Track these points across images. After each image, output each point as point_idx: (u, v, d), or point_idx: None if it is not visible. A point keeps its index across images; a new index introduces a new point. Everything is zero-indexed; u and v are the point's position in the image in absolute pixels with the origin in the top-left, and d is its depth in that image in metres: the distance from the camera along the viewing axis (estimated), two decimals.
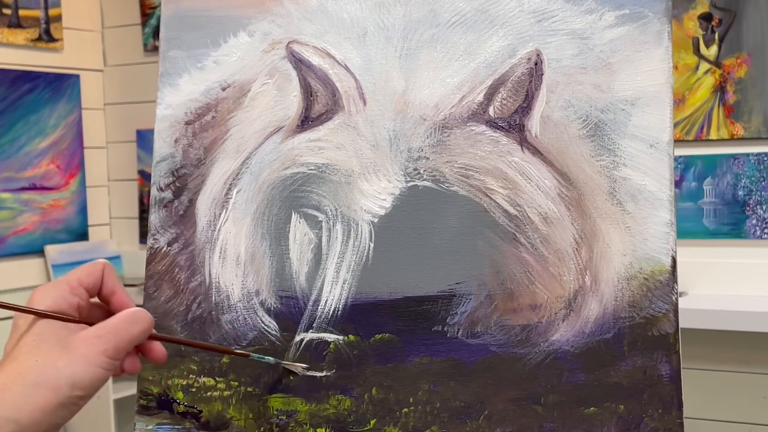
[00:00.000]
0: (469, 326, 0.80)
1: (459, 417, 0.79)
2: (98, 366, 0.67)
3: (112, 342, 0.68)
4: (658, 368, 0.75)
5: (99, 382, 0.67)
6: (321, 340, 0.83)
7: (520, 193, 0.80)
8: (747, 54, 2.66)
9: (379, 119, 0.85)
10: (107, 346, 0.68)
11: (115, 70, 3.72)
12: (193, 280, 0.88)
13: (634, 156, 0.79)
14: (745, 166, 2.66)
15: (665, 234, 0.77)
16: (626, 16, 0.81)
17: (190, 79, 0.92)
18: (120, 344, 0.69)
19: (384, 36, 0.86)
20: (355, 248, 0.83)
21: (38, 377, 0.65)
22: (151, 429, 0.87)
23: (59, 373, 0.65)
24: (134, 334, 0.70)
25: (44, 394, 0.65)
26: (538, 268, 0.79)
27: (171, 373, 0.87)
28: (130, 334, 0.70)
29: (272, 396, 0.84)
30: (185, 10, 0.94)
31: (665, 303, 0.76)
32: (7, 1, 3.35)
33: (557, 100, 0.81)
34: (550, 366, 0.78)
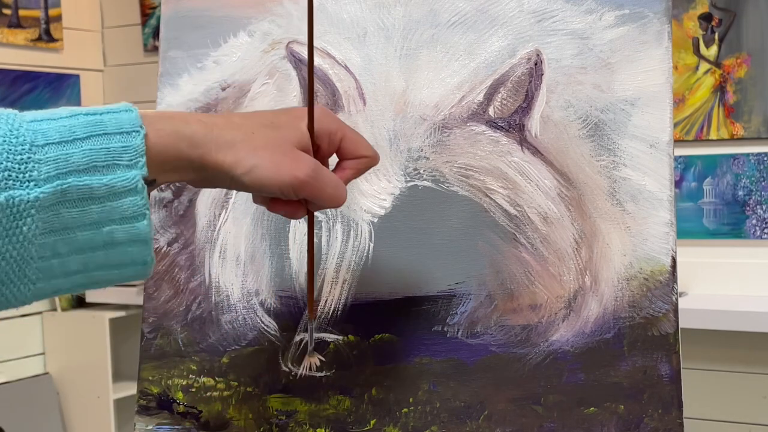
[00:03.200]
0: (469, 326, 0.80)
1: (459, 417, 0.79)
2: (281, 183, 0.66)
3: (311, 186, 0.67)
4: (658, 368, 0.75)
5: (272, 188, 0.66)
6: (321, 340, 0.83)
7: (520, 193, 0.80)
8: (747, 54, 2.66)
9: (379, 119, 0.85)
10: (307, 176, 0.66)
11: (115, 70, 3.72)
12: (193, 280, 0.88)
13: (634, 156, 0.79)
14: (745, 166, 2.66)
15: (665, 234, 0.77)
16: (626, 16, 0.81)
17: (190, 79, 0.92)
18: (311, 193, 0.67)
19: (384, 36, 0.86)
20: (355, 248, 0.83)
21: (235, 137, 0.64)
22: (151, 429, 0.87)
23: (247, 160, 0.64)
24: (323, 198, 0.69)
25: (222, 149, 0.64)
26: (538, 268, 0.79)
27: (171, 373, 0.87)
28: (323, 192, 0.68)
29: (272, 396, 0.84)
30: (185, 10, 0.94)
31: (665, 303, 0.76)
32: (7, 1, 3.35)
33: (557, 100, 0.81)
34: (550, 366, 0.78)
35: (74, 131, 0.58)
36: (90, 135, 0.59)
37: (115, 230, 0.60)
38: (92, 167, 0.58)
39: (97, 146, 0.59)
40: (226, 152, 0.64)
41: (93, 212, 0.59)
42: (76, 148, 0.58)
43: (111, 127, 0.60)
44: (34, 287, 0.58)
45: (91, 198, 0.58)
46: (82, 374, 3.33)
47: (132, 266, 0.62)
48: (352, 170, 0.72)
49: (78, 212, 0.58)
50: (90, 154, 0.58)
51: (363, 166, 0.72)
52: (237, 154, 0.64)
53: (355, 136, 0.71)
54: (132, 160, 0.59)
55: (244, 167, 0.64)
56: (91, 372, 3.28)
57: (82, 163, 0.58)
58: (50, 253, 0.58)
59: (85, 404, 3.34)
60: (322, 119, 0.69)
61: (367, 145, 0.72)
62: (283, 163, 0.65)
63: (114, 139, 0.59)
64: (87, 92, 3.65)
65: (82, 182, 0.58)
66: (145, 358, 0.88)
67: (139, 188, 0.60)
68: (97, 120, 0.60)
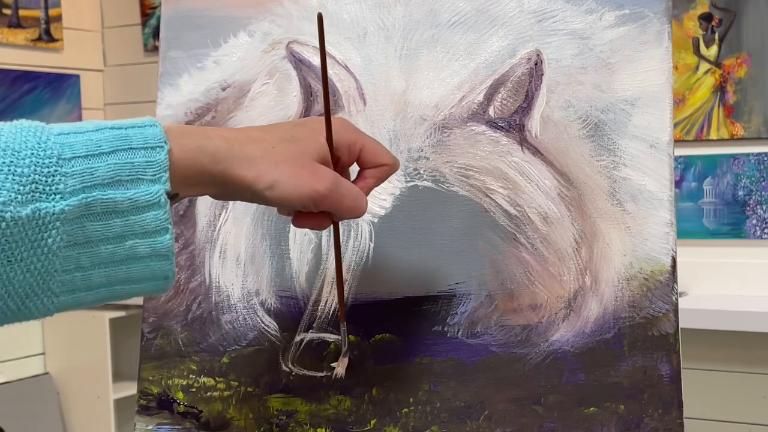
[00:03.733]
0: (469, 326, 0.80)
1: (459, 417, 0.79)
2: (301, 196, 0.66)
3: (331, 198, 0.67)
4: (658, 368, 0.75)
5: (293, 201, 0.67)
6: (321, 340, 0.83)
7: (520, 193, 0.80)
8: (747, 54, 2.66)
9: (379, 119, 0.85)
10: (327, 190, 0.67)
11: (115, 70, 3.72)
12: (193, 280, 0.88)
13: (634, 156, 0.79)
14: (745, 166, 2.66)
15: (665, 234, 0.77)
16: (626, 16, 0.81)
17: (190, 79, 0.92)
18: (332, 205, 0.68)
19: (384, 36, 0.86)
20: (355, 248, 0.83)
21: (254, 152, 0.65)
22: (151, 429, 0.87)
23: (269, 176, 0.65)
24: (342, 210, 0.69)
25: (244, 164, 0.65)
26: (538, 268, 0.79)
27: (171, 373, 0.87)
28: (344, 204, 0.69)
29: (272, 396, 0.84)
30: (185, 10, 0.94)
31: (665, 303, 0.76)
32: (7, 1, 3.35)
33: (557, 100, 0.81)
34: (550, 366, 0.78)
35: (100, 145, 0.59)
36: (115, 149, 0.59)
37: (138, 244, 0.60)
38: (117, 181, 0.59)
39: (122, 160, 0.59)
40: (247, 168, 0.65)
41: (116, 226, 0.59)
42: (102, 162, 0.59)
43: (136, 142, 0.60)
44: (57, 300, 0.58)
45: (114, 212, 0.59)
46: (82, 374, 3.33)
47: (153, 281, 0.63)
48: (373, 179, 0.73)
49: (101, 225, 0.59)
50: (115, 168, 0.59)
51: (384, 174, 0.73)
52: (258, 170, 0.65)
53: (375, 145, 0.72)
54: (156, 175, 0.60)
55: (265, 182, 0.65)
56: (91, 372, 3.28)
57: (107, 177, 0.58)
58: (74, 266, 0.58)
59: (85, 404, 3.34)
60: (341, 131, 0.70)
61: (386, 152, 0.73)
62: (303, 177, 0.66)
63: (139, 153, 0.60)
64: (87, 92, 3.65)
65: (106, 196, 0.58)
66: (145, 358, 0.88)
67: (162, 203, 0.60)
68: (122, 134, 0.60)
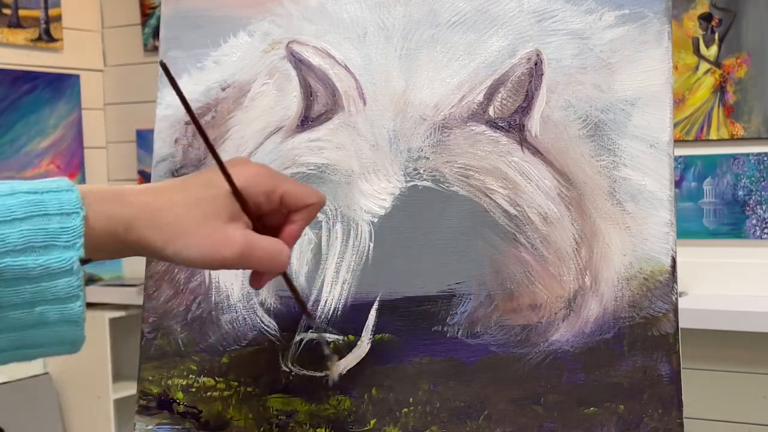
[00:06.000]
0: (469, 326, 0.80)
1: (459, 417, 0.79)
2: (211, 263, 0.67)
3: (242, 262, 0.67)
4: (658, 368, 0.75)
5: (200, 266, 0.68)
6: (321, 340, 0.83)
7: (520, 193, 0.80)
8: (747, 54, 2.66)
9: (379, 119, 0.85)
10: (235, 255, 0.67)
11: (115, 70, 3.72)
12: (192, 280, 0.88)
13: (634, 156, 0.79)
14: (745, 166, 2.66)
15: (665, 234, 0.77)
16: (626, 16, 0.81)
17: (190, 79, 0.92)
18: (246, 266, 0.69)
19: (384, 36, 0.86)
20: (355, 248, 0.83)
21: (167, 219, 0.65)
22: (151, 429, 0.87)
23: (175, 243, 0.65)
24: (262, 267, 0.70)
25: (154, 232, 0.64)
26: (537, 268, 0.79)
27: (171, 373, 0.87)
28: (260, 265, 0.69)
29: (272, 396, 0.84)
30: (185, 10, 0.94)
31: (665, 303, 0.76)
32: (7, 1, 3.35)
33: (557, 100, 0.81)
34: (550, 366, 0.78)
35: (13, 210, 0.58)
36: (29, 215, 0.58)
37: (48, 310, 0.59)
38: (29, 248, 0.58)
39: (35, 227, 0.58)
40: (158, 235, 0.64)
41: (26, 292, 0.58)
42: (14, 228, 0.58)
43: (51, 208, 0.59)
44: None
45: (25, 278, 0.58)
46: (82, 374, 3.32)
47: (61, 345, 0.62)
48: (301, 221, 0.72)
49: (11, 291, 0.58)
50: (28, 234, 0.58)
51: (311, 214, 0.73)
52: (165, 237, 0.64)
53: (296, 187, 0.71)
54: (70, 242, 0.59)
55: (172, 249, 0.65)
56: (91, 372, 3.28)
57: (20, 243, 0.58)
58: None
59: (85, 404, 3.34)
60: (256, 180, 0.69)
61: (309, 192, 0.72)
62: (208, 245, 0.66)
63: (53, 219, 0.59)
64: (87, 92, 3.65)
65: (17, 262, 0.57)
66: (145, 358, 0.88)
67: (74, 269, 0.59)
68: (37, 200, 0.59)
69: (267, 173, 0.70)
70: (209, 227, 0.66)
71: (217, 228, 0.66)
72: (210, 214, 0.66)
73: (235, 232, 0.67)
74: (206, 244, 0.66)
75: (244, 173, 0.68)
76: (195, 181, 0.68)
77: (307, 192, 0.72)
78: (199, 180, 0.68)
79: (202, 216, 0.66)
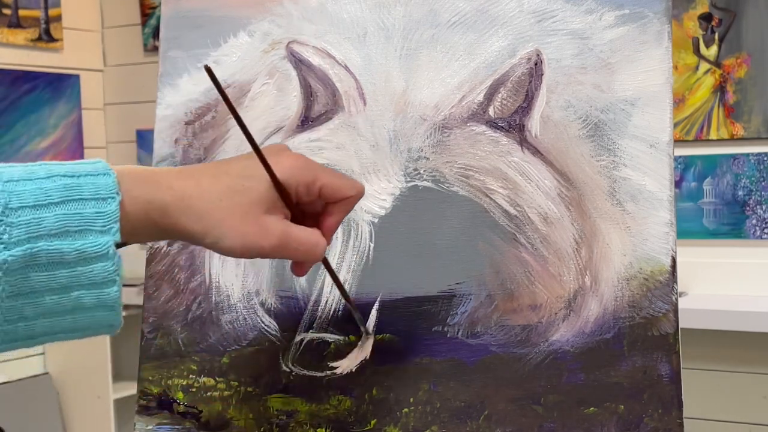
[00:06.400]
0: (469, 326, 0.80)
1: (459, 417, 0.79)
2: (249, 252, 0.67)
3: (280, 252, 0.68)
4: (658, 368, 0.75)
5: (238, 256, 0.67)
6: (321, 340, 0.83)
7: (520, 194, 0.80)
8: (747, 54, 2.66)
9: (379, 119, 0.85)
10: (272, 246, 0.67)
11: (115, 70, 3.72)
12: (193, 280, 0.88)
13: (634, 156, 0.79)
14: (745, 166, 2.66)
15: (665, 234, 0.77)
16: (626, 16, 0.81)
17: (190, 79, 0.92)
18: (283, 256, 0.69)
19: (384, 36, 0.86)
20: (355, 248, 0.83)
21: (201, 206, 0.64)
22: (151, 429, 0.87)
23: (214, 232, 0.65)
24: (299, 258, 0.70)
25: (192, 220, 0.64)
26: (538, 268, 0.79)
27: (171, 373, 0.87)
28: (296, 255, 0.69)
29: (272, 396, 0.84)
30: (185, 10, 0.94)
31: (665, 303, 0.76)
32: (7, 1, 3.35)
33: (557, 100, 0.81)
34: (550, 366, 0.78)
35: (49, 195, 0.58)
36: (65, 199, 0.58)
37: (84, 295, 0.59)
38: (64, 232, 0.58)
39: (71, 211, 0.58)
40: (195, 222, 0.64)
41: (62, 277, 0.58)
42: (50, 212, 0.58)
43: (87, 192, 0.59)
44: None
45: (61, 263, 0.58)
46: (82, 374, 3.33)
47: (98, 329, 0.62)
48: (339, 213, 0.72)
49: (46, 276, 0.58)
50: (63, 218, 0.58)
51: (350, 206, 0.72)
52: (205, 225, 0.64)
53: (334, 180, 0.70)
54: (105, 226, 0.59)
55: (211, 238, 0.65)
56: (91, 372, 3.28)
57: (55, 228, 0.57)
58: (17, 316, 0.57)
59: (85, 404, 3.34)
60: (295, 172, 0.68)
61: (348, 184, 0.71)
62: (248, 234, 0.66)
63: (89, 204, 0.59)
64: (87, 92, 3.65)
65: (52, 247, 0.57)
66: (145, 358, 0.88)
67: (110, 254, 0.59)
68: (74, 183, 0.59)
69: (305, 164, 0.70)
70: (247, 218, 0.66)
71: (255, 218, 0.66)
72: (248, 204, 0.66)
73: (273, 223, 0.67)
74: (245, 234, 0.65)
75: (283, 164, 0.68)
76: (234, 171, 0.67)
77: (345, 184, 0.71)
78: (238, 170, 0.67)
79: (240, 206, 0.65)
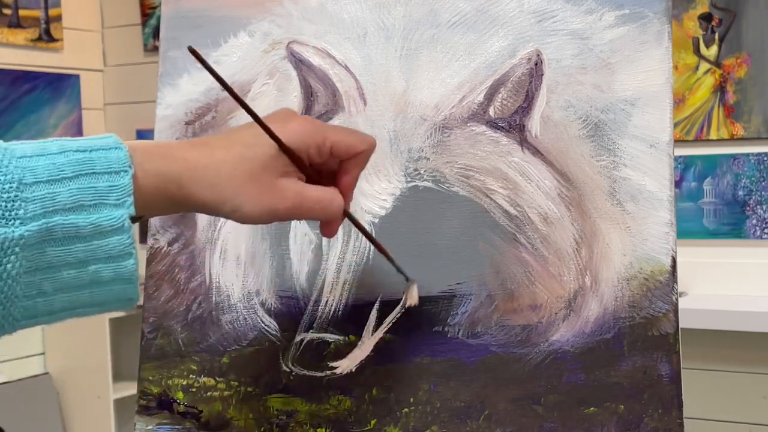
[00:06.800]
0: (469, 326, 0.80)
1: (459, 417, 0.79)
2: (266, 216, 0.67)
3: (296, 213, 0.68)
4: (658, 368, 0.75)
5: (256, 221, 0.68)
6: (321, 340, 0.83)
7: (521, 194, 0.80)
8: (747, 54, 2.66)
9: (380, 119, 0.85)
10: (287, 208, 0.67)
11: (115, 70, 3.72)
12: (193, 280, 0.88)
13: (634, 156, 0.79)
14: (745, 166, 2.66)
15: (665, 234, 0.77)
16: (626, 16, 0.81)
17: (190, 79, 0.92)
18: (300, 217, 0.69)
19: (384, 36, 0.86)
20: (356, 249, 0.83)
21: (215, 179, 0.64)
22: (151, 429, 0.87)
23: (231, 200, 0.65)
24: (316, 216, 0.70)
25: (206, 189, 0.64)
26: (538, 269, 0.79)
27: (171, 373, 0.87)
28: (314, 214, 0.69)
29: (272, 396, 0.84)
30: (185, 10, 0.94)
31: (665, 303, 0.76)
32: (7, 1, 3.35)
33: (557, 100, 0.81)
34: (550, 366, 0.78)
35: (63, 170, 0.58)
36: (78, 174, 0.59)
37: (101, 269, 0.60)
38: (79, 206, 0.58)
39: (85, 185, 0.59)
40: (210, 192, 0.64)
41: (78, 251, 0.58)
42: (64, 187, 0.58)
43: (99, 166, 0.59)
44: (18, 324, 0.58)
45: (77, 237, 0.58)
46: (82, 374, 3.33)
47: (116, 303, 0.62)
48: (355, 168, 0.71)
49: (63, 251, 0.58)
50: (77, 193, 0.58)
51: (364, 160, 0.72)
52: (220, 194, 0.65)
53: (343, 137, 0.70)
54: (119, 200, 0.60)
55: (228, 206, 0.65)
56: (91, 372, 3.28)
57: (69, 202, 0.58)
58: (35, 291, 0.58)
59: (85, 404, 3.34)
60: (302, 136, 0.68)
61: (358, 140, 0.71)
62: (263, 198, 0.66)
63: (102, 178, 0.59)
64: (87, 92, 3.65)
65: (68, 221, 0.58)
66: (145, 358, 0.88)
67: (125, 227, 0.60)
68: (86, 158, 0.59)
69: (313, 127, 0.69)
70: (261, 183, 0.66)
71: (269, 183, 0.66)
72: (261, 170, 0.66)
73: (287, 186, 0.67)
74: (260, 199, 0.66)
75: (289, 129, 0.68)
76: (245, 139, 0.67)
77: (355, 139, 0.71)
78: (248, 137, 0.67)
79: (253, 172, 0.66)
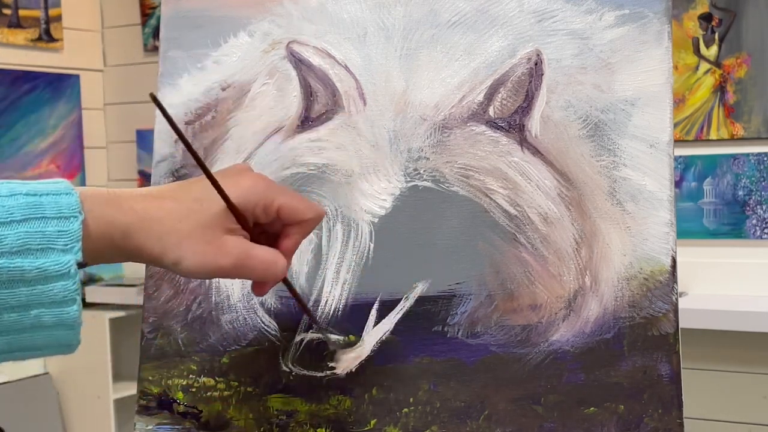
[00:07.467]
0: (469, 326, 0.80)
1: (459, 417, 0.79)
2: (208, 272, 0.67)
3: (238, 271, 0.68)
4: (658, 368, 0.75)
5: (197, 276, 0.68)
6: (321, 340, 0.83)
7: (520, 194, 0.80)
8: (747, 54, 2.66)
9: (379, 119, 0.85)
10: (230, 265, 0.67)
11: (115, 70, 3.72)
12: (193, 280, 0.88)
13: (634, 156, 0.79)
14: (745, 166, 2.66)
15: (665, 234, 0.77)
16: (626, 16, 0.81)
17: (190, 79, 0.92)
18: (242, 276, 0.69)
19: (384, 36, 0.86)
20: (355, 248, 0.83)
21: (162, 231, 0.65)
22: (151, 429, 0.87)
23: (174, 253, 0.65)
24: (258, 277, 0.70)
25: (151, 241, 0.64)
26: (538, 268, 0.79)
27: (171, 373, 0.87)
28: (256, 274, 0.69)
29: (272, 396, 0.84)
30: (185, 10, 0.94)
31: (665, 303, 0.76)
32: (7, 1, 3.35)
33: (557, 100, 0.81)
34: (550, 366, 0.78)
35: (12, 212, 0.58)
36: (27, 218, 0.58)
37: (43, 314, 0.59)
38: (26, 250, 0.58)
39: (33, 229, 0.58)
40: (155, 243, 0.64)
41: (22, 295, 0.58)
42: (12, 230, 0.58)
43: (49, 211, 0.59)
44: None
45: (21, 280, 0.58)
46: (82, 374, 3.33)
47: (56, 348, 0.62)
48: (297, 234, 0.72)
49: (6, 294, 0.58)
50: (25, 236, 0.58)
51: (308, 228, 0.72)
52: (164, 246, 0.65)
53: (293, 202, 0.70)
54: (68, 245, 0.59)
55: (171, 259, 0.65)
56: (91, 372, 3.28)
57: (16, 245, 0.58)
58: None
59: (85, 404, 3.34)
60: (252, 194, 0.68)
61: (307, 206, 0.71)
62: (207, 253, 0.66)
63: (51, 223, 0.59)
64: (87, 92, 3.65)
65: (13, 264, 0.57)
66: (145, 358, 0.88)
67: (72, 273, 0.59)
68: (36, 202, 0.59)
69: (264, 186, 0.69)
70: (205, 238, 0.66)
71: (213, 238, 0.66)
72: (207, 225, 0.66)
73: (231, 243, 0.67)
74: (203, 254, 0.66)
75: (240, 186, 0.68)
76: (194, 193, 0.67)
77: (304, 207, 0.71)
78: (198, 191, 0.67)
79: (199, 227, 0.66)
